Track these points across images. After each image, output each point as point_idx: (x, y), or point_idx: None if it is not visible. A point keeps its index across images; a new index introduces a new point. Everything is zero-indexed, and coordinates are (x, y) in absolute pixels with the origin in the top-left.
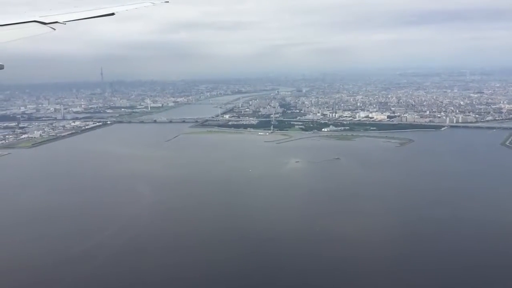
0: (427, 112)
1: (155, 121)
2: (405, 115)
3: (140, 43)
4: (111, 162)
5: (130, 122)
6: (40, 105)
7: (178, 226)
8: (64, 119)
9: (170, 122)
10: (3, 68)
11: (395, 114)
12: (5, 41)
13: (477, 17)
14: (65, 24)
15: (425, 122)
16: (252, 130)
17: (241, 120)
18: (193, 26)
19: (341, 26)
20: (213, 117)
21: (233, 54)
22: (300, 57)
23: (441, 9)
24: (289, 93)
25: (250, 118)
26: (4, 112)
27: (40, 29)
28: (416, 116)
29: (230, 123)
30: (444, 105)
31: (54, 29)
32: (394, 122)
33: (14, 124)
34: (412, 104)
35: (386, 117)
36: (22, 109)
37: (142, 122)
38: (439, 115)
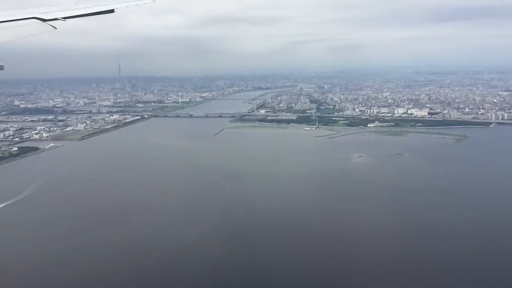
0: (466, 109)
1: (191, 116)
2: (446, 111)
3: (164, 38)
4: (171, 154)
5: (166, 116)
6: (66, 99)
7: (278, 218)
8: (99, 112)
9: (207, 116)
10: (3, 69)
11: (434, 110)
12: (4, 41)
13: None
14: (64, 20)
15: (470, 119)
16: (295, 125)
17: (279, 115)
18: (228, 20)
19: (373, 22)
20: (249, 112)
21: (249, 51)
22: (313, 54)
23: (472, 5)
24: (312, 89)
25: (288, 113)
26: (34, 105)
27: (40, 27)
28: (458, 113)
29: (268, 118)
30: (477, 102)
31: (55, 28)
32: (438, 119)
33: (52, 117)
34: (445, 101)
35: (427, 114)
36: (51, 102)
37: (178, 116)
38: (480, 112)
